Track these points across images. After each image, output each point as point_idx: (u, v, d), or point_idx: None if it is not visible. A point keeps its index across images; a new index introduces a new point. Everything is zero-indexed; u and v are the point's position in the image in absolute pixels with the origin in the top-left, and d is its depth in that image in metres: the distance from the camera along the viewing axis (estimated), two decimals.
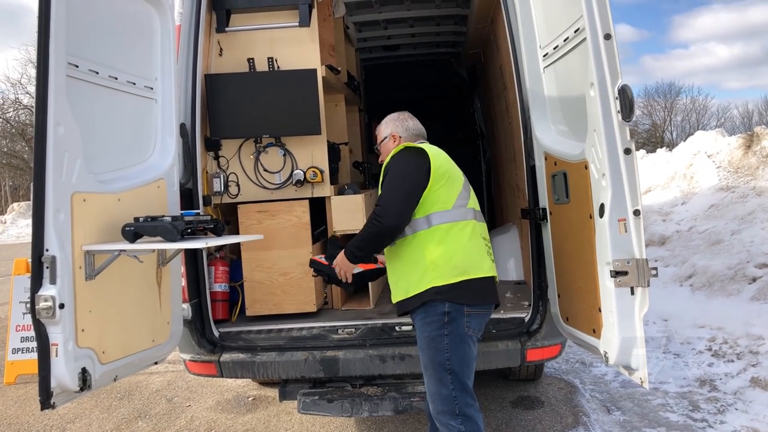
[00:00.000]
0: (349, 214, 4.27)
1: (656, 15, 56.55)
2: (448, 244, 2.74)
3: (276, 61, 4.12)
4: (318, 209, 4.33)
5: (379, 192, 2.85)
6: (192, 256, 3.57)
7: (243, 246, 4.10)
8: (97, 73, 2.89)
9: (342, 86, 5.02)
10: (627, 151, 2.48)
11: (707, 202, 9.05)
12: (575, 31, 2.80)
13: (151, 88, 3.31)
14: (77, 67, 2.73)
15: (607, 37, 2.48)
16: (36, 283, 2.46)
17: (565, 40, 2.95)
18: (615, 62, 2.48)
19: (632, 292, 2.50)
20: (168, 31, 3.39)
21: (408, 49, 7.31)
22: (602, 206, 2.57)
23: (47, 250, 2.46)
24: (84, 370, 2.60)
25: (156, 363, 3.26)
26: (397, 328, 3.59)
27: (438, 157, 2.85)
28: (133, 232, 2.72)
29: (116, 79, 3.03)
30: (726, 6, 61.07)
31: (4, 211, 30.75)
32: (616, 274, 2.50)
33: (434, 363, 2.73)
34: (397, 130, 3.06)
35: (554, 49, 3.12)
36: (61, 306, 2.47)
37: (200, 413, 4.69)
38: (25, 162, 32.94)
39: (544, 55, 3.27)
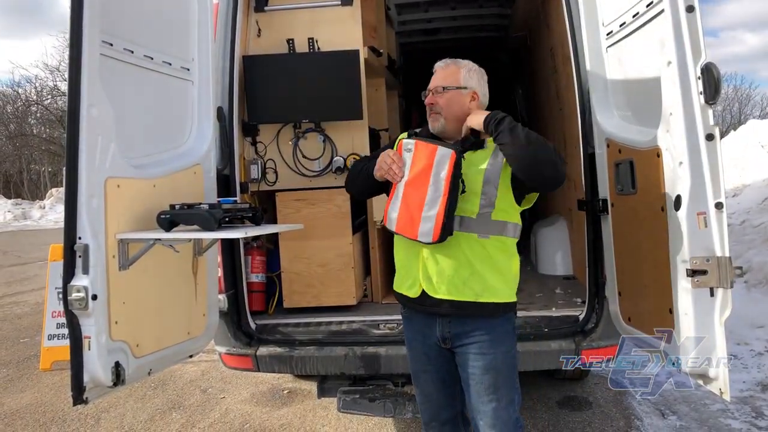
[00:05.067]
0: None
1: None
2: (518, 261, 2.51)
3: (316, 42, 3.93)
4: None
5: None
6: (229, 245, 3.43)
7: (281, 235, 3.95)
8: (132, 52, 2.74)
9: (383, 70, 4.81)
10: (709, 137, 2.21)
11: (761, 195, 8.57)
12: (647, 6, 2.54)
13: (188, 69, 3.15)
14: (111, 45, 2.58)
15: (690, 9, 2.22)
16: (68, 273, 2.33)
17: (634, 16, 2.69)
18: (698, 38, 2.21)
19: (712, 294, 2.26)
20: (205, 10, 3.23)
21: (448, 33, 7.06)
22: (678, 198, 2.31)
23: (80, 239, 2.33)
24: (117, 364, 2.48)
25: (191, 356, 3.14)
26: None
27: None
28: (169, 220, 2.57)
29: (152, 59, 2.88)
30: None
31: (44, 196, 31.40)
32: (693, 273, 2.25)
33: (508, 383, 2.39)
34: (481, 89, 2.46)
35: (620, 26, 2.85)
36: (94, 297, 2.34)
37: (234, 405, 4.58)
38: (63, 148, 33.40)
39: (607, 34, 3.00)
